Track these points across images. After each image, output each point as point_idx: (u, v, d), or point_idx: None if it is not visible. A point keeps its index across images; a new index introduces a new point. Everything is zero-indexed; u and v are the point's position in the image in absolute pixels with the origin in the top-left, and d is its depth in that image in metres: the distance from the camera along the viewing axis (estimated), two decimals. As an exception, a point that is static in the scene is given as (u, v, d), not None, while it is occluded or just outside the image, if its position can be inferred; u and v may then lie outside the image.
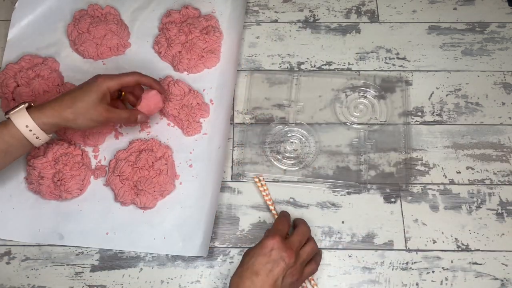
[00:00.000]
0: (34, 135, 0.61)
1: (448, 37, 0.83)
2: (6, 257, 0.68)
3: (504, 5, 0.86)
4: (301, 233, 0.61)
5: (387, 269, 0.67)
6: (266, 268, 0.56)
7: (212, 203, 0.69)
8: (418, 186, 0.72)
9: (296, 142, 0.75)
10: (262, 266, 0.56)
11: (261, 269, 0.56)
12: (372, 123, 0.76)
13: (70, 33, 0.80)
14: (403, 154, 0.74)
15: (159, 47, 0.79)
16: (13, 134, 0.60)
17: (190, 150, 0.73)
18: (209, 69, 0.79)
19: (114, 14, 0.81)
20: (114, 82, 0.64)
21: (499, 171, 0.73)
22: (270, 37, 0.83)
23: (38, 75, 0.75)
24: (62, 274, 0.67)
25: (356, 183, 0.72)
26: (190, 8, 0.81)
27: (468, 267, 0.67)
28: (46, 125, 0.61)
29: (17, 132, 0.60)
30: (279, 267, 0.56)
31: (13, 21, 0.81)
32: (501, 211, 0.71)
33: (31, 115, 0.60)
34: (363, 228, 0.70)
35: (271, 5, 0.86)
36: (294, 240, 0.59)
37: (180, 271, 0.67)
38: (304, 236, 0.61)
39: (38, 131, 0.61)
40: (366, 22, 0.84)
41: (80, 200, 0.70)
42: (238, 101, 0.78)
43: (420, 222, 0.70)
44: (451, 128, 0.76)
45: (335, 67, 0.81)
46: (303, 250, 0.60)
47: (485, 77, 0.80)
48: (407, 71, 0.80)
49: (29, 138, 0.61)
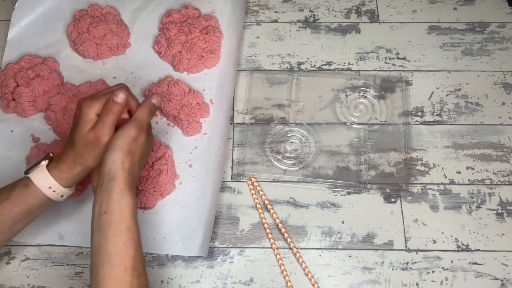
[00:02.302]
0: (58, 194, 0.58)
1: (448, 37, 0.83)
2: (6, 257, 0.68)
3: (504, 5, 0.86)
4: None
5: (387, 269, 0.67)
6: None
7: (212, 203, 0.69)
8: (418, 186, 0.72)
9: (296, 142, 0.75)
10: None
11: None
12: (372, 123, 0.76)
13: (70, 33, 0.80)
14: (403, 154, 0.74)
15: (159, 47, 0.79)
16: (35, 195, 0.57)
17: (190, 150, 0.73)
18: (209, 69, 0.79)
19: (114, 14, 0.81)
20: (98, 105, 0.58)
21: (499, 171, 0.73)
22: (270, 37, 0.83)
23: (38, 75, 0.75)
24: (62, 274, 0.67)
25: (356, 183, 0.72)
26: (190, 8, 0.81)
27: (468, 267, 0.67)
28: (68, 181, 0.59)
29: (40, 193, 0.57)
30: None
31: (13, 21, 0.81)
32: (501, 211, 0.71)
33: (52, 175, 0.57)
34: (363, 228, 0.70)
35: (271, 5, 0.86)
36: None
37: (180, 271, 0.67)
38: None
39: (62, 191, 0.59)
40: (366, 22, 0.84)
41: (80, 200, 0.70)
42: (238, 101, 0.78)
43: (420, 222, 0.70)
44: (451, 128, 0.76)
45: (335, 67, 0.81)
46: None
47: (485, 77, 0.80)
48: (407, 71, 0.80)
49: (53, 197, 0.58)
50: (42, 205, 0.59)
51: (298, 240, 0.69)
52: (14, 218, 0.57)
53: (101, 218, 0.53)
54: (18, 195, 0.57)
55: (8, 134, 0.74)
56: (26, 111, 0.75)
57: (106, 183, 0.54)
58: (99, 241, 0.53)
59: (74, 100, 0.74)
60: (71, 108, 0.73)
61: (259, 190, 0.72)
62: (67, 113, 0.73)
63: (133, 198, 0.55)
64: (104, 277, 0.51)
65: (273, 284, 0.67)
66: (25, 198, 0.57)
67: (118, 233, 0.52)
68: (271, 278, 0.67)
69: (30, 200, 0.57)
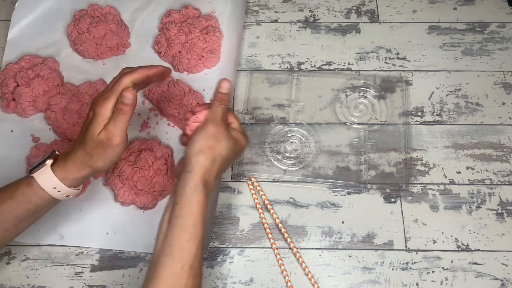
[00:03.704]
0: (63, 194, 0.57)
1: (448, 37, 0.83)
2: (6, 257, 0.68)
3: (504, 5, 0.86)
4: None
5: (387, 269, 0.67)
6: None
7: (212, 203, 0.69)
8: (418, 186, 0.72)
9: (296, 142, 0.75)
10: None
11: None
12: (372, 123, 0.76)
13: (70, 33, 0.80)
14: (403, 154, 0.74)
15: (159, 47, 0.79)
16: (39, 195, 0.56)
17: (190, 150, 0.73)
18: (209, 69, 0.79)
19: (114, 14, 0.81)
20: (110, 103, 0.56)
21: (499, 171, 0.73)
22: (270, 37, 0.83)
23: (38, 75, 0.75)
24: (62, 274, 0.67)
25: (356, 183, 0.72)
26: (190, 8, 0.81)
27: (468, 267, 0.67)
28: (74, 182, 0.57)
29: (44, 194, 0.56)
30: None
31: (13, 21, 0.81)
32: (501, 211, 0.71)
33: (57, 175, 0.56)
34: (363, 228, 0.70)
35: (271, 5, 0.86)
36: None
37: (180, 271, 0.67)
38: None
39: (67, 191, 0.57)
40: (366, 22, 0.84)
41: (80, 200, 0.70)
42: (238, 101, 0.78)
43: (420, 222, 0.70)
44: (451, 128, 0.76)
45: (335, 67, 0.81)
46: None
47: (485, 77, 0.80)
48: (407, 71, 0.80)
49: (58, 197, 0.57)
50: (47, 205, 0.58)
51: (298, 240, 0.69)
52: (18, 217, 0.57)
53: (173, 208, 0.53)
54: (22, 195, 0.56)
55: (8, 134, 0.74)
56: (26, 111, 0.75)
57: (184, 174, 0.55)
58: (166, 230, 0.53)
59: (74, 100, 0.74)
60: (71, 108, 0.73)
61: (259, 190, 0.72)
62: (67, 113, 0.73)
63: (205, 196, 0.55)
64: (161, 268, 0.51)
65: (273, 284, 0.67)
66: (29, 197, 0.56)
67: (184, 228, 0.52)
68: (271, 278, 0.67)
69: (34, 199, 0.56)
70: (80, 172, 0.57)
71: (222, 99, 0.58)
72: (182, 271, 0.51)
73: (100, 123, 0.56)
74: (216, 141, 0.56)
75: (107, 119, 0.56)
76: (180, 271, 0.51)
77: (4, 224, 0.56)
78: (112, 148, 0.56)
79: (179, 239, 0.52)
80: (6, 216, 0.56)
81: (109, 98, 0.56)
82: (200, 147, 0.55)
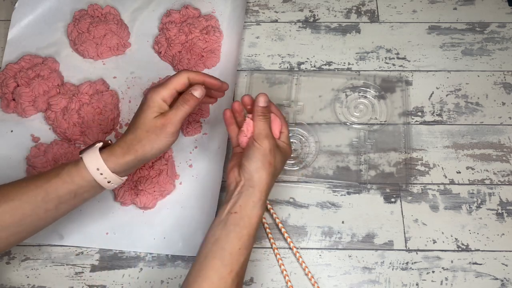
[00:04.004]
0: (105, 179, 0.56)
1: (448, 37, 0.83)
2: (6, 257, 0.68)
3: (504, 5, 0.86)
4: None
5: (387, 269, 0.67)
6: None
7: (212, 203, 0.69)
8: (418, 186, 0.72)
9: (296, 142, 0.75)
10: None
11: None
12: (372, 123, 0.76)
13: (70, 33, 0.80)
14: (403, 154, 0.74)
15: (159, 47, 0.79)
16: (83, 176, 0.56)
17: (190, 150, 0.73)
18: (209, 69, 0.79)
19: (114, 14, 0.81)
20: (165, 91, 0.58)
21: (499, 171, 0.73)
22: (270, 37, 0.83)
23: (38, 75, 0.75)
24: (62, 274, 0.67)
25: (356, 183, 0.72)
26: (190, 8, 0.81)
27: (468, 267, 0.67)
28: (118, 166, 0.56)
29: (88, 175, 0.56)
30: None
31: (13, 21, 0.81)
32: (501, 211, 0.71)
33: (103, 157, 0.56)
34: (363, 228, 0.70)
35: (271, 5, 0.86)
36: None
37: (180, 271, 0.67)
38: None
39: (109, 175, 0.56)
40: (366, 22, 0.84)
41: (80, 200, 0.70)
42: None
43: (420, 222, 0.70)
44: (451, 128, 0.76)
45: (335, 67, 0.81)
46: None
47: (485, 77, 0.80)
48: (407, 71, 0.80)
49: (100, 181, 0.56)
50: (89, 190, 0.57)
51: (298, 240, 0.69)
52: (60, 197, 0.56)
53: (230, 215, 0.56)
54: (67, 174, 0.56)
55: (8, 134, 0.74)
56: (26, 111, 0.75)
57: (246, 188, 0.57)
58: (220, 235, 0.55)
59: (74, 100, 0.74)
60: (71, 108, 0.73)
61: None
62: (67, 113, 0.73)
63: (263, 211, 0.58)
64: (210, 269, 0.52)
65: (273, 284, 0.67)
66: (73, 177, 0.56)
67: (240, 237, 0.55)
68: (271, 278, 0.67)
69: (78, 180, 0.56)
70: (125, 156, 0.56)
71: (264, 113, 0.60)
72: (229, 276, 0.53)
73: (153, 109, 0.57)
74: (273, 157, 0.58)
75: (159, 104, 0.57)
76: (227, 275, 0.53)
77: (47, 203, 0.56)
78: (165, 135, 0.57)
79: (233, 246, 0.54)
80: (50, 195, 0.56)
81: (164, 87, 0.58)
82: (262, 163, 0.57)
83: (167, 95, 0.58)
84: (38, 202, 0.55)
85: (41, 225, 0.58)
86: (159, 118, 0.57)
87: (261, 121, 0.60)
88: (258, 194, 0.57)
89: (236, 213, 0.55)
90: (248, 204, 0.56)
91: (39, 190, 0.55)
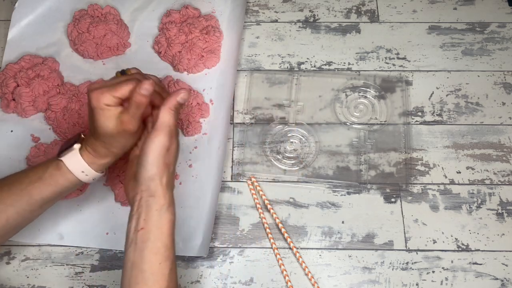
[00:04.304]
0: (90, 178, 0.58)
1: (448, 37, 0.83)
2: (6, 257, 0.68)
3: (504, 5, 0.85)
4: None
5: (387, 269, 0.67)
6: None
7: (212, 203, 0.69)
8: (418, 186, 0.72)
9: (296, 142, 0.75)
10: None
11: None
12: (372, 123, 0.76)
13: (70, 33, 0.80)
14: (403, 154, 0.74)
15: (159, 47, 0.79)
16: (68, 178, 0.57)
17: (190, 150, 0.73)
18: (209, 69, 0.79)
19: (114, 14, 0.81)
20: (110, 99, 0.53)
21: (499, 171, 0.73)
22: (270, 37, 0.83)
23: (38, 75, 0.75)
24: (62, 274, 0.67)
25: (356, 183, 0.72)
26: (190, 8, 0.81)
27: (468, 267, 0.67)
28: (100, 167, 0.58)
29: (72, 177, 0.57)
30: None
31: (13, 21, 0.81)
32: (501, 211, 0.71)
33: (85, 159, 0.56)
34: (363, 228, 0.70)
35: (271, 5, 0.86)
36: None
37: (180, 271, 0.67)
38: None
39: (95, 174, 0.58)
40: (366, 22, 0.84)
41: (80, 200, 0.70)
42: (238, 101, 0.78)
43: (420, 222, 0.70)
44: (451, 128, 0.76)
45: (335, 67, 0.81)
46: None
47: (485, 77, 0.80)
48: (407, 71, 0.80)
49: (85, 180, 0.58)
50: (73, 187, 0.59)
51: (298, 240, 0.69)
52: (45, 199, 0.57)
53: (138, 233, 0.52)
54: (51, 177, 0.56)
55: (8, 134, 0.74)
56: (26, 111, 0.75)
57: (145, 200, 0.53)
58: (134, 257, 0.51)
59: (74, 100, 0.74)
60: (71, 108, 0.73)
61: (259, 190, 0.72)
62: (67, 113, 0.73)
63: (173, 213, 0.54)
64: None
65: (273, 284, 0.67)
66: (57, 180, 0.56)
67: (155, 252, 0.51)
68: (271, 278, 0.67)
69: (62, 182, 0.57)
70: (104, 159, 0.57)
71: (177, 109, 0.55)
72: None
73: (109, 115, 0.54)
74: (170, 155, 0.54)
75: (108, 109, 0.53)
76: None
77: (31, 206, 0.57)
78: (129, 135, 0.56)
79: (151, 264, 0.50)
80: (34, 197, 0.56)
81: (110, 92, 0.53)
82: (157, 169, 0.53)
83: (110, 99, 0.53)
84: (22, 205, 0.56)
85: (26, 223, 0.59)
86: (116, 125, 0.54)
87: (170, 115, 0.54)
88: (161, 200, 0.53)
89: (143, 229, 0.52)
90: (152, 215, 0.52)
91: (23, 193, 0.56)
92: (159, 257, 0.51)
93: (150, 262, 0.51)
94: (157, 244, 0.51)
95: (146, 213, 0.52)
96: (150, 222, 0.52)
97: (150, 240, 0.51)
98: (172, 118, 0.54)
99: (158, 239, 0.52)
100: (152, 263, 0.51)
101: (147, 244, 0.51)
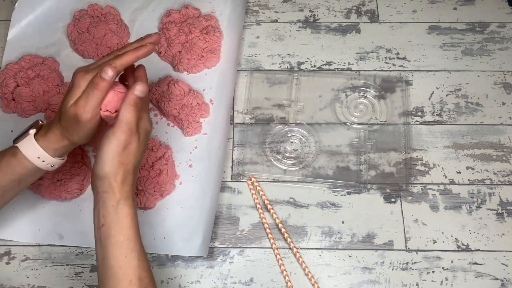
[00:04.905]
0: (48, 164, 0.56)
1: (448, 37, 0.83)
2: (6, 257, 0.68)
3: (504, 5, 0.85)
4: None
5: (387, 269, 0.67)
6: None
7: (212, 203, 0.69)
8: (418, 186, 0.72)
9: (296, 142, 0.75)
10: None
11: None
12: (372, 123, 0.76)
13: (70, 33, 0.80)
14: (403, 154, 0.74)
15: (159, 47, 0.79)
16: (25, 165, 0.55)
17: (190, 150, 0.73)
18: (209, 69, 0.79)
19: (114, 14, 0.81)
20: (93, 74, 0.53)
21: (499, 171, 0.73)
22: (270, 37, 0.83)
23: (38, 75, 0.75)
24: (62, 274, 0.67)
25: (356, 183, 0.72)
26: (190, 8, 0.81)
27: (468, 267, 0.67)
28: (57, 152, 0.56)
29: (29, 163, 0.55)
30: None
31: (13, 21, 0.81)
32: (501, 211, 0.71)
33: (41, 144, 0.55)
34: (363, 228, 0.70)
35: (271, 5, 0.86)
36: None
37: (180, 271, 0.67)
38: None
39: (52, 160, 0.56)
40: (366, 22, 0.84)
41: (80, 200, 0.70)
42: (238, 101, 0.78)
43: (420, 222, 0.70)
44: (451, 128, 0.76)
45: (335, 67, 0.81)
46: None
47: (485, 77, 0.80)
48: (407, 71, 0.80)
49: (42, 167, 0.57)
50: (32, 174, 0.57)
51: (298, 240, 0.69)
52: (4, 187, 0.56)
53: (100, 231, 0.52)
54: (6, 165, 0.55)
55: (8, 134, 0.74)
56: (26, 111, 0.75)
57: (101, 195, 0.52)
58: (101, 253, 0.51)
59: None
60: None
61: (259, 190, 0.72)
62: (67, 113, 0.73)
63: (131, 207, 0.53)
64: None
65: (273, 284, 0.67)
66: (14, 167, 0.55)
67: (119, 246, 0.51)
68: (271, 278, 0.67)
69: (19, 169, 0.56)
70: (60, 142, 0.56)
71: (138, 104, 0.53)
72: (131, 286, 0.50)
73: (74, 96, 0.53)
74: (127, 154, 0.53)
75: (82, 92, 0.53)
76: (129, 287, 0.50)
77: None
78: (83, 123, 0.54)
79: (117, 258, 0.51)
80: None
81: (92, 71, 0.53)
82: (111, 167, 0.52)
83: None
84: None
85: None
86: (73, 106, 0.53)
87: (131, 112, 0.53)
88: (116, 195, 0.52)
89: (103, 226, 0.51)
90: (109, 211, 0.51)
91: None
92: (123, 250, 0.51)
93: (116, 257, 0.51)
94: (119, 239, 0.51)
95: (104, 209, 0.52)
96: (109, 218, 0.52)
97: (111, 235, 0.51)
98: (131, 115, 0.53)
99: (119, 233, 0.51)
100: (117, 258, 0.51)
101: (110, 240, 0.51)
